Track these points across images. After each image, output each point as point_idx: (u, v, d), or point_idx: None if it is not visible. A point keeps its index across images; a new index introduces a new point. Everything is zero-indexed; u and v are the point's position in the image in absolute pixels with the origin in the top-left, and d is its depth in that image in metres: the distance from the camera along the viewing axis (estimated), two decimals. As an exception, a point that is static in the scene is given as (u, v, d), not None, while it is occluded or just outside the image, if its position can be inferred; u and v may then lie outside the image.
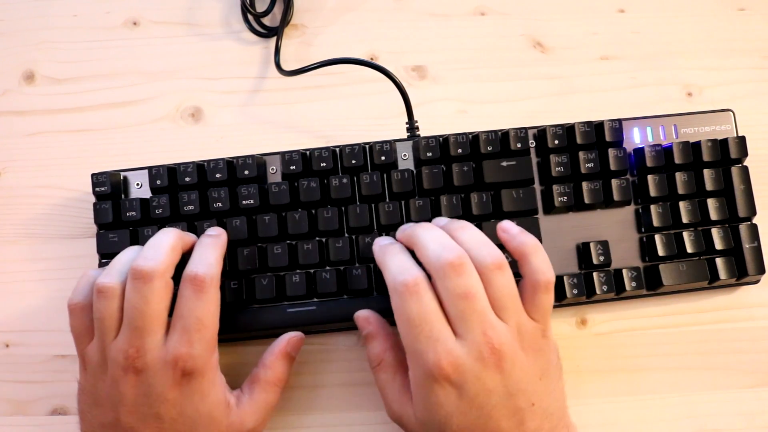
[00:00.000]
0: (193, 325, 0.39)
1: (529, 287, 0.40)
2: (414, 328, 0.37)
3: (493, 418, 0.37)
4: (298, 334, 0.45)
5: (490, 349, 0.37)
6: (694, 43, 0.54)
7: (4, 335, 0.50)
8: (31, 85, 0.54)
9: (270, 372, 0.44)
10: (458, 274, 0.37)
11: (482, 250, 0.39)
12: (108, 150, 0.52)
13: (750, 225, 0.47)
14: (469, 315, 0.37)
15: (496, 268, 0.38)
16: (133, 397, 0.39)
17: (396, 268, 0.39)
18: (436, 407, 0.38)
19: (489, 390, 0.37)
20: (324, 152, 0.47)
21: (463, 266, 0.38)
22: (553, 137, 0.47)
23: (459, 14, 0.55)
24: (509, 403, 0.38)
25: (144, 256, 0.40)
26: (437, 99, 0.53)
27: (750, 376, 0.48)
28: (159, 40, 0.55)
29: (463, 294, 0.37)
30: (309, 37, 0.55)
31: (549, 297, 0.40)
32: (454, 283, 0.37)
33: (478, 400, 0.37)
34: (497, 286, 0.38)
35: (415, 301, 0.38)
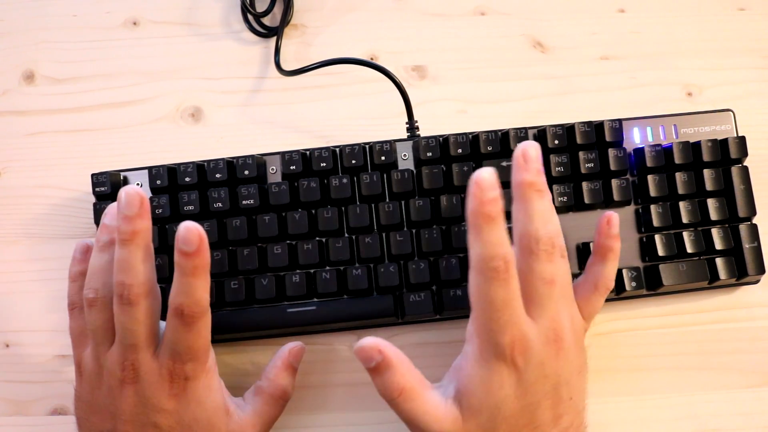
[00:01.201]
0: (184, 352, 0.38)
1: (591, 285, 0.41)
2: (495, 311, 0.36)
3: (541, 407, 0.37)
4: (298, 344, 0.45)
5: (554, 335, 0.37)
6: (694, 43, 0.54)
7: (4, 335, 0.50)
8: (31, 85, 0.54)
9: (274, 385, 0.43)
10: (549, 259, 0.38)
11: (560, 239, 0.39)
12: (108, 150, 0.52)
13: (750, 225, 0.47)
14: (547, 301, 0.38)
15: (562, 256, 0.39)
16: (130, 408, 0.39)
17: (490, 245, 0.36)
18: (496, 388, 0.37)
19: (546, 376, 0.37)
20: (324, 152, 0.47)
21: (555, 252, 0.38)
22: (553, 137, 0.47)
23: (459, 14, 0.55)
24: (556, 392, 0.38)
25: (122, 281, 0.37)
26: (437, 99, 0.53)
27: (750, 376, 0.48)
28: (159, 40, 0.55)
29: (549, 280, 0.37)
30: (309, 37, 0.55)
31: (602, 301, 0.41)
32: (542, 267, 0.37)
33: (535, 386, 0.37)
34: (562, 274, 0.39)
35: (502, 287, 0.36)
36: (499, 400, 0.37)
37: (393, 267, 0.46)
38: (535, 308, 0.38)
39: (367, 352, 0.38)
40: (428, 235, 0.46)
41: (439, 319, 0.47)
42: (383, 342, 0.39)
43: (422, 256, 0.46)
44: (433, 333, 0.48)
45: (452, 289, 0.45)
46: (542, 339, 0.37)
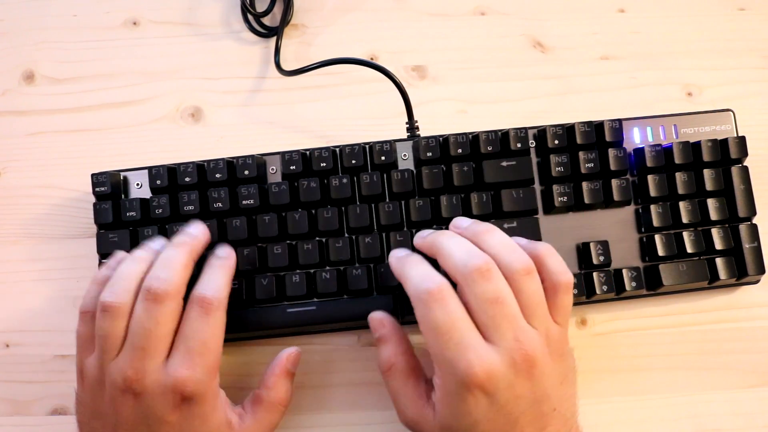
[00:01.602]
0: (197, 347, 0.38)
1: (550, 289, 0.39)
2: (442, 335, 0.36)
3: (519, 424, 0.37)
4: (294, 350, 0.44)
5: (522, 356, 0.36)
6: (694, 43, 0.54)
7: (4, 335, 0.50)
8: (31, 85, 0.54)
9: (273, 392, 0.43)
10: (486, 279, 0.37)
11: (511, 256, 0.38)
12: (108, 150, 0.52)
13: (750, 225, 0.47)
14: (500, 320, 0.36)
15: (526, 273, 0.38)
16: (131, 418, 0.38)
17: (418, 277, 0.38)
18: (464, 415, 0.37)
19: (518, 396, 0.37)
20: (324, 152, 0.47)
21: (491, 271, 0.37)
22: (553, 137, 0.47)
23: (459, 14, 0.55)
24: (535, 409, 0.37)
25: (158, 276, 0.38)
26: (437, 99, 0.53)
27: (750, 376, 0.48)
28: (159, 40, 0.55)
29: (493, 299, 0.36)
30: (309, 37, 0.55)
31: (569, 297, 0.39)
32: (482, 289, 0.37)
33: (508, 407, 0.37)
34: (527, 292, 0.38)
35: (440, 308, 0.36)
36: (469, 425, 0.37)
37: (393, 267, 0.46)
38: (492, 331, 0.37)
39: (374, 322, 0.42)
40: (428, 235, 0.46)
41: (439, 319, 0.47)
42: (392, 320, 0.42)
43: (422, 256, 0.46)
44: (433, 333, 0.48)
45: (452, 289, 0.45)
46: (507, 361, 0.36)
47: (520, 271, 0.38)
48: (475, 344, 0.36)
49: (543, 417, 0.37)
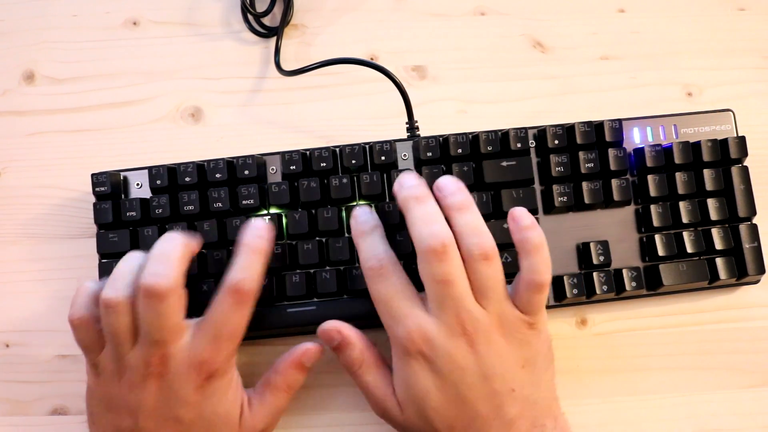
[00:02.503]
0: (227, 334, 0.39)
1: (523, 283, 0.39)
2: (384, 305, 0.40)
3: (469, 399, 0.38)
4: (315, 347, 0.44)
5: (461, 329, 0.38)
6: (694, 43, 0.54)
7: (4, 335, 0.50)
8: (31, 85, 0.54)
9: (281, 378, 0.43)
10: (440, 260, 0.38)
11: (472, 239, 0.39)
12: (108, 150, 0.52)
13: (750, 225, 0.47)
14: (444, 299, 0.38)
15: (483, 258, 0.39)
16: (153, 402, 0.39)
17: (366, 251, 0.41)
18: (413, 382, 0.39)
19: (462, 368, 0.38)
20: (324, 152, 0.47)
21: (446, 254, 0.38)
22: (553, 137, 0.47)
23: (459, 14, 0.55)
24: (485, 385, 0.38)
25: (153, 272, 0.38)
26: (437, 99, 0.53)
27: (750, 376, 0.48)
28: (159, 40, 0.55)
29: (442, 280, 0.38)
30: (309, 37, 0.55)
31: (541, 297, 0.40)
32: (434, 269, 0.38)
33: (452, 376, 0.38)
34: (480, 275, 0.39)
35: (381, 282, 0.40)
36: (420, 393, 0.39)
37: (393, 267, 0.46)
38: (435, 307, 0.39)
39: (328, 333, 0.42)
40: (428, 235, 0.46)
41: (439, 319, 0.47)
42: (344, 324, 0.43)
43: (422, 256, 0.46)
44: (433, 333, 0.48)
45: (452, 289, 0.45)
46: (444, 330, 0.38)
47: (477, 256, 0.39)
48: (415, 313, 0.39)
49: (497, 396, 0.38)
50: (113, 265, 0.46)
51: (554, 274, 0.47)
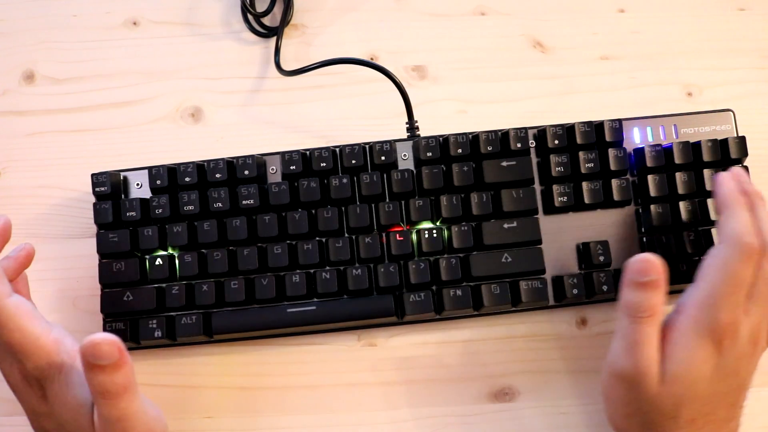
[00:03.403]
0: (9, 349, 0.38)
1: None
2: (731, 285, 0.38)
3: (723, 401, 0.39)
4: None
5: (757, 336, 0.39)
6: (694, 43, 0.54)
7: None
8: (31, 85, 0.54)
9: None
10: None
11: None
12: (108, 150, 0.52)
13: (750, 225, 0.47)
14: (763, 301, 0.39)
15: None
16: (28, 416, 0.40)
17: (745, 225, 0.39)
18: (697, 364, 0.38)
19: (738, 373, 0.39)
20: (324, 152, 0.47)
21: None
22: (553, 137, 0.47)
23: (459, 14, 0.55)
24: (737, 394, 0.39)
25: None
26: (437, 99, 0.53)
27: (750, 376, 0.48)
28: (159, 40, 0.55)
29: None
30: (309, 37, 0.55)
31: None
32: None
33: (728, 378, 0.38)
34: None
35: (748, 265, 0.38)
36: (698, 377, 0.38)
37: (393, 267, 0.46)
38: (752, 305, 0.39)
39: (650, 264, 0.38)
40: (428, 235, 0.46)
41: (439, 319, 0.47)
42: (664, 267, 0.38)
43: (422, 256, 0.46)
44: (433, 333, 0.48)
45: (452, 289, 0.45)
46: (747, 334, 0.38)
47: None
48: (741, 310, 0.38)
49: (735, 406, 0.39)
50: (113, 265, 0.46)
51: (554, 274, 0.47)
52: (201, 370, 0.48)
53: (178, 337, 0.46)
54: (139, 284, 0.46)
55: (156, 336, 0.45)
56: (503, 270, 0.46)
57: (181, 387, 0.48)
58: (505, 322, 0.49)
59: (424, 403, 0.47)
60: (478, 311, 0.47)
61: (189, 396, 0.46)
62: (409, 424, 0.47)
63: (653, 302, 0.38)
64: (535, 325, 0.49)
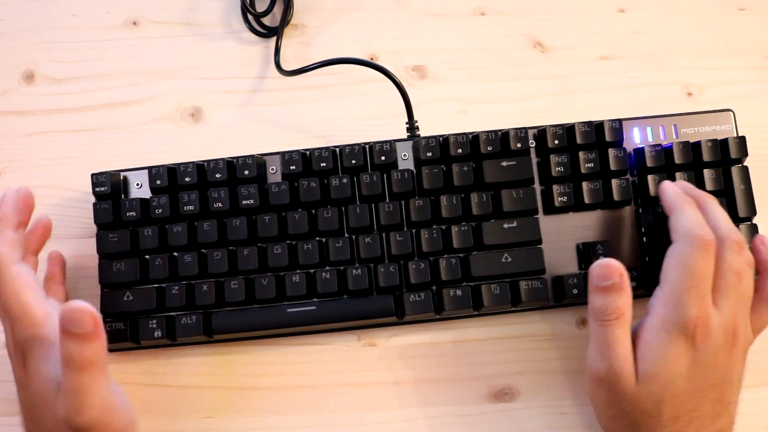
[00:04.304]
0: (4, 314, 0.40)
1: (763, 300, 0.42)
2: (692, 279, 0.39)
3: (706, 397, 0.39)
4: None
5: (733, 330, 0.39)
6: (694, 43, 0.54)
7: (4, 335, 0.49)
8: (31, 85, 0.54)
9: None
10: (739, 253, 0.40)
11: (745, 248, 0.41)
12: (108, 150, 0.52)
13: (750, 225, 0.47)
14: (733, 292, 0.39)
15: (750, 266, 0.41)
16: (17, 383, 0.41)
17: (695, 220, 0.41)
18: (672, 361, 0.38)
19: (717, 367, 0.39)
20: (324, 152, 0.47)
21: (744, 249, 0.40)
22: (553, 137, 0.47)
23: (459, 14, 0.55)
24: (721, 389, 0.39)
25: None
26: (437, 99, 0.53)
27: (750, 376, 0.48)
28: (159, 40, 0.55)
29: (737, 272, 0.40)
30: (309, 37, 0.55)
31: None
32: (735, 258, 0.40)
33: (706, 372, 0.39)
34: (747, 282, 0.41)
35: (704, 257, 0.39)
36: (674, 374, 0.38)
37: (393, 267, 0.46)
38: (720, 297, 0.39)
39: (611, 269, 0.39)
40: (428, 235, 0.46)
41: (439, 319, 0.47)
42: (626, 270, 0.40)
43: (422, 256, 0.46)
44: (433, 333, 0.48)
45: (452, 289, 0.45)
46: (722, 327, 0.39)
47: (743, 264, 0.40)
48: (708, 301, 0.39)
49: (721, 402, 0.39)
50: (113, 265, 0.46)
51: (554, 274, 0.47)
52: (201, 370, 0.48)
53: (178, 337, 0.46)
54: (139, 284, 0.46)
55: (156, 336, 0.45)
56: (503, 270, 0.46)
57: (181, 387, 0.48)
58: (505, 322, 0.49)
59: (424, 403, 0.47)
60: (478, 311, 0.47)
61: (189, 396, 0.46)
62: (408, 424, 0.47)
63: (618, 304, 0.39)
64: (535, 325, 0.49)
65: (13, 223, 0.41)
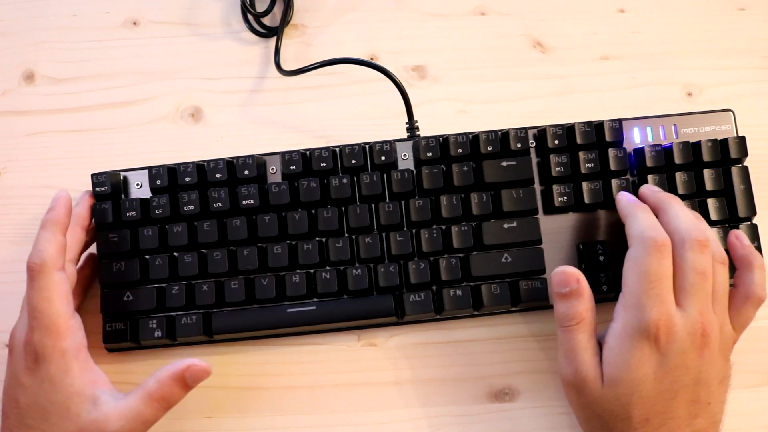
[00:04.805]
0: (30, 312, 0.40)
1: (742, 296, 0.42)
2: (648, 282, 0.39)
3: (677, 399, 0.39)
4: (202, 366, 0.41)
5: (701, 329, 0.39)
6: (694, 43, 0.54)
7: (4, 335, 0.49)
8: (31, 85, 0.54)
9: (157, 387, 0.41)
10: (701, 252, 0.39)
11: (716, 243, 0.41)
12: (108, 150, 0.52)
13: (750, 225, 0.47)
14: (696, 291, 0.39)
15: (722, 263, 0.41)
16: (7, 380, 0.42)
17: (647, 223, 0.41)
18: (636, 365, 0.38)
19: (686, 368, 0.39)
20: (324, 152, 0.47)
21: (708, 248, 0.40)
22: (553, 137, 0.47)
23: (459, 14, 0.55)
24: (695, 390, 0.39)
25: (31, 254, 0.41)
26: (437, 99, 0.53)
27: (750, 376, 0.48)
28: (159, 40, 0.55)
29: (701, 271, 0.39)
30: (309, 37, 0.55)
31: (754, 312, 0.42)
32: (696, 257, 0.39)
33: (674, 373, 0.39)
34: (719, 280, 0.40)
35: (657, 259, 0.39)
36: (639, 378, 0.38)
37: (393, 267, 0.46)
38: (684, 297, 0.39)
39: (567, 276, 0.41)
40: (428, 235, 0.46)
41: (439, 319, 0.47)
42: (584, 277, 0.41)
43: (422, 256, 0.46)
44: (433, 333, 0.48)
45: (452, 289, 0.45)
46: (687, 328, 0.39)
47: (718, 258, 0.41)
48: (669, 302, 0.39)
49: (697, 403, 0.39)
50: (113, 265, 0.46)
51: (554, 274, 0.47)
52: (201, 370, 0.48)
53: (178, 337, 0.46)
54: (139, 284, 0.46)
55: (156, 336, 0.45)
56: (503, 270, 0.46)
57: (181, 387, 0.48)
58: (505, 322, 0.49)
59: (424, 403, 0.47)
60: (478, 311, 0.47)
61: (189, 396, 0.46)
62: (408, 424, 0.47)
63: (578, 310, 0.40)
64: (535, 325, 0.49)
65: (65, 227, 0.43)
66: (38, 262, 0.40)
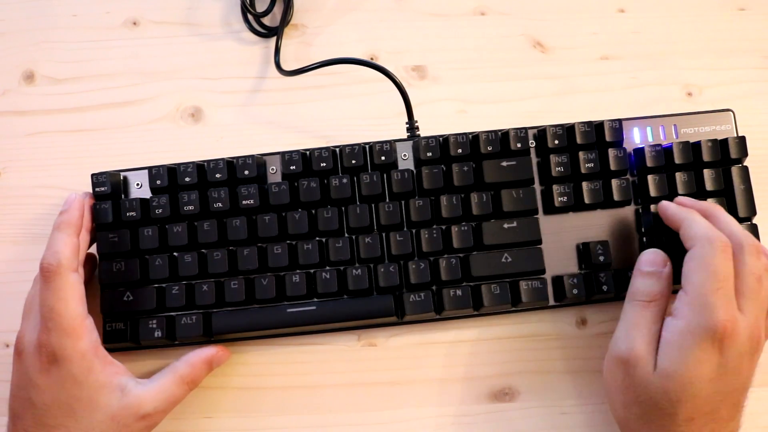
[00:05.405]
0: (46, 313, 0.40)
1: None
2: (717, 281, 0.39)
3: (725, 401, 0.39)
4: (225, 352, 0.47)
5: (757, 336, 0.39)
6: (694, 43, 0.54)
7: (4, 335, 0.50)
8: (31, 85, 0.54)
9: (189, 370, 0.44)
10: (759, 257, 0.40)
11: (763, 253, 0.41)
12: (108, 150, 0.52)
13: (750, 225, 0.47)
14: (755, 296, 0.39)
15: (767, 271, 0.41)
16: (16, 381, 0.41)
17: (708, 227, 0.41)
18: (695, 363, 0.38)
19: (740, 372, 0.39)
20: (324, 152, 0.47)
21: (763, 255, 0.41)
22: (553, 137, 0.47)
23: (459, 14, 0.55)
24: (737, 395, 0.40)
25: (44, 255, 0.42)
26: (437, 99, 0.53)
27: (750, 376, 0.48)
28: (159, 40, 0.55)
29: (758, 276, 0.40)
30: (309, 37, 0.55)
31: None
32: (755, 262, 0.40)
33: (729, 376, 0.39)
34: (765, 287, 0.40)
35: (725, 259, 0.39)
36: (694, 376, 0.38)
37: (393, 267, 0.46)
38: (744, 301, 0.39)
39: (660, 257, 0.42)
40: (428, 235, 0.46)
41: (439, 319, 0.47)
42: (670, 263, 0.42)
43: (422, 256, 0.46)
44: (433, 333, 0.48)
45: (452, 289, 0.45)
46: (748, 332, 0.39)
47: (762, 268, 0.40)
48: (735, 304, 0.39)
49: (737, 407, 0.40)
50: (113, 265, 0.46)
51: (554, 274, 0.47)
52: (201, 370, 0.48)
53: (178, 337, 0.46)
54: (139, 284, 0.46)
55: (156, 336, 0.45)
56: (503, 270, 0.46)
57: (181, 387, 0.48)
58: (505, 322, 0.49)
59: (424, 403, 0.47)
60: (478, 311, 0.47)
61: (189, 396, 0.46)
62: (409, 424, 0.47)
63: (655, 290, 0.41)
64: (535, 325, 0.49)
65: (78, 229, 0.43)
66: (54, 264, 0.41)
